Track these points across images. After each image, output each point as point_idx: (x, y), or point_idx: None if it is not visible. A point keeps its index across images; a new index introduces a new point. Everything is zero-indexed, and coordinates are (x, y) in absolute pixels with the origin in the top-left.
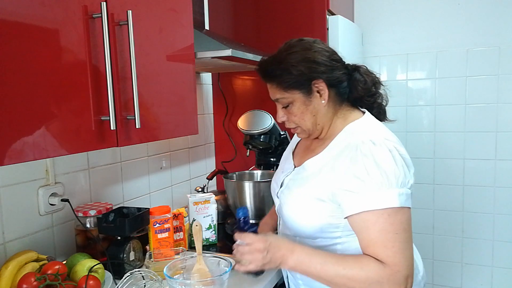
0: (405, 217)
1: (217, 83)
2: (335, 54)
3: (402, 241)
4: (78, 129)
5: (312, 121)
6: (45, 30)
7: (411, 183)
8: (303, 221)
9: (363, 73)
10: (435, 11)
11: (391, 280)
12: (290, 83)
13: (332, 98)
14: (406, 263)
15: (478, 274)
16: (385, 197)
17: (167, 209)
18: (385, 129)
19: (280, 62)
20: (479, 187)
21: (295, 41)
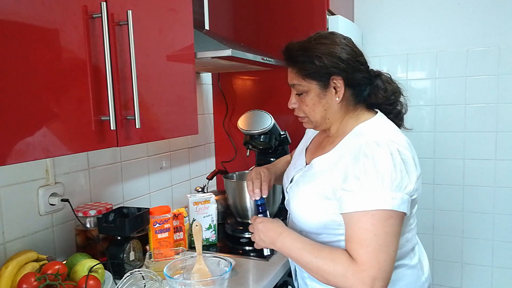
0: (392, 222)
1: (217, 83)
2: (361, 57)
3: (380, 244)
4: (78, 129)
5: (321, 115)
6: (45, 30)
7: (410, 188)
8: (308, 217)
9: (385, 81)
10: (435, 11)
11: (355, 277)
12: (310, 72)
13: (347, 97)
14: (377, 265)
15: (478, 274)
16: (375, 199)
17: (167, 209)
18: (394, 131)
19: (307, 50)
20: (479, 187)
21: (326, 33)
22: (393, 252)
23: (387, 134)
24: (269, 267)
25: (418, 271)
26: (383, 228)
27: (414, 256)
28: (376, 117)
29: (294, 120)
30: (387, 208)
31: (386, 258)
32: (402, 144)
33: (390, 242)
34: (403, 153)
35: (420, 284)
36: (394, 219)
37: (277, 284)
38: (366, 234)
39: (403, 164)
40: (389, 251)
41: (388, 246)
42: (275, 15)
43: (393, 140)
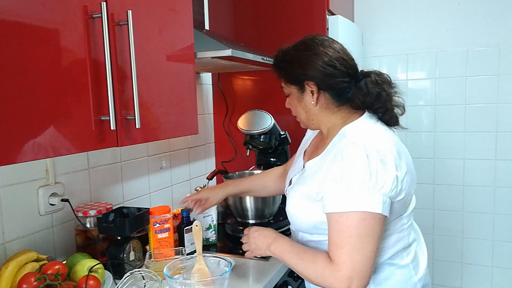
0: (366, 223)
1: (217, 83)
2: (337, 61)
3: (354, 246)
4: (78, 129)
5: (304, 116)
6: (45, 30)
7: (387, 189)
8: (300, 218)
9: (369, 83)
10: (435, 11)
11: (332, 277)
12: (287, 77)
13: (326, 100)
14: (351, 265)
15: (478, 274)
16: (349, 201)
17: (167, 209)
18: (378, 132)
19: (285, 56)
20: (479, 187)
21: (306, 39)
22: (369, 253)
23: (369, 135)
24: (269, 267)
25: (409, 271)
26: (357, 230)
27: (406, 256)
28: (362, 118)
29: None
30: (360, 210)
31: (361, 258)
32: (382, 145)
33: (365, 243)
34: (382, 154)
35: (412, 284)
36: (369, 220)
37: (277, 284)
38: (341, 236)
39: (380, 164)
40: (364, 252)
41: (363, 247)
42: (275, 15)
43: (372, 141)
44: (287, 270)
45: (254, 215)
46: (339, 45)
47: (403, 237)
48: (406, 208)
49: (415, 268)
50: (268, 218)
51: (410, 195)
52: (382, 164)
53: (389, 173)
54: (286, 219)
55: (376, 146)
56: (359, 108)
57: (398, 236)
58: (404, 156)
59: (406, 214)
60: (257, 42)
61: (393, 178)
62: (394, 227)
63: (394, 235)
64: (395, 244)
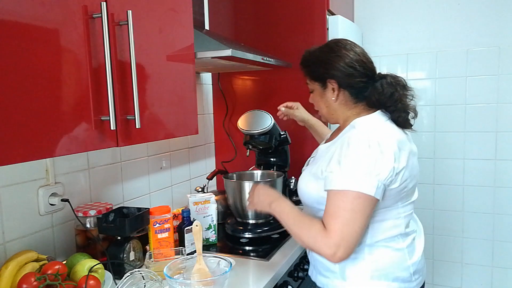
0: (359, 202)
1: (217, 83)
2: (357, 63)
3: (346, 218)
4: (78, 129)
5: (325, 110)
6: (45, 30)
7: (383, 176)
8: (305, 194)
9: (385, 84)
10: (435, 11)
11: (323, 241)
12: (312, 75)
13: (345, 97)
14: (341, 235)
15: (478, 274)
16: (347, 181)
17: (167, 209)
18: (384, 127)
19: (310, 56)
20: (479, 187)
21: (332, 41)
22: (358, 228)
23: (375, 128)
24: (269, 267)
25: (404, 255)
26: (351, 205)
27: (402, 241)
28: (373, 114)
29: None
30: (355, 190)
31: (351, 231)
32: (385, 138)
33: (356, 219)
34: (382, 146)
35: (404, 267)
36: (362, 200)
37: (277, 284)
38: (336, 209)
39: (379, 154)
40: (353, 226)
41: (354, 222)
42: (275, 15)
43: (377, 134)
44: (287, 270)
45: (254, 215)
46: (360, 49)
47: (399, 224)
48: (402, 198)
49: (409, 253)
50: (268, 218)
51: (407, 188)
52: (381, 154)
53: (387, 163)
54: None
55: (379, 138)
56: (374, 106)
57: (393, 222)
58: (406, 153)
59: (403, 205)
60: (257, 42)
61: (390, 168)
62: (390, 214)
63: (390, 221)
64: (390, 229)
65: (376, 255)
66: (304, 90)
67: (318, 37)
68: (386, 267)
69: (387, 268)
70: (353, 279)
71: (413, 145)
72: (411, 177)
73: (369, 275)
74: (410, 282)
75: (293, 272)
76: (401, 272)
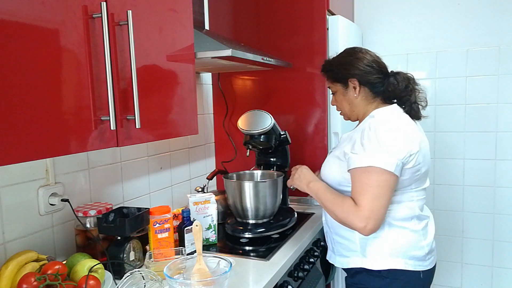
0: (383, 178)
1: (217, 83)
2: (373, 63)
3: (373, 193)
4: (78, 129)
5: (348, 108)
6: (45, 30)
7: (401, 155)
8: (327, 175)
9: (399, 79)
10: (435, 11)
11: (354, 214)
12: (334, 78)
13: (365, 93)
14: (370, 208)
15: (478, 274)
16: (372, 159)
17: (167, 209)
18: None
19: (332, 62)
20: (479, 187)
21: (349, 48)
22: (384, 201)
23: (392, 116)
24: (269, 267)
25: (419, 236)
26: (376, 182)
27: (418, 223)
28: (391, 106)
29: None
30: (378, 166)
31: (379, 204)
32: (402, 124)
33: (382, 193)
34: (402, 130)
35: (420, 246)
36: (385, 176)
37: (277, 284)
38: (363, 186)
39: (398, 136)
40: (381, 200)
41: (380, 196)
42: (275, 15)
43: (394, 121)
44: (287, 270)
45: (254, 215)
46: (373, 53)
47: (413, 207)
48: (415, 181)
49: (424, 235)
50: (268, 218)
51: (420, 172)
52: (399, 136)
53: (404, 144)
54: (286, 219)
55: (397, 123)
56: (389, 99)
57: (408, 204)
58: (419, 139)
59: (416, 189)
60: (257, 42)
61: (407, 149)
62: (405, 196)
63: (405, 203)
64: (406, 210)
65: (394, 235)
66: (303, 90)
67: (318, 37)
68: (403, 245)
69: (404, 247)
70: (373, 256)
71: (424, 136)
72: (424, 162)
73: (388, 252)
74: (424, 261)
75: (293, 272)
76: (417, 251)
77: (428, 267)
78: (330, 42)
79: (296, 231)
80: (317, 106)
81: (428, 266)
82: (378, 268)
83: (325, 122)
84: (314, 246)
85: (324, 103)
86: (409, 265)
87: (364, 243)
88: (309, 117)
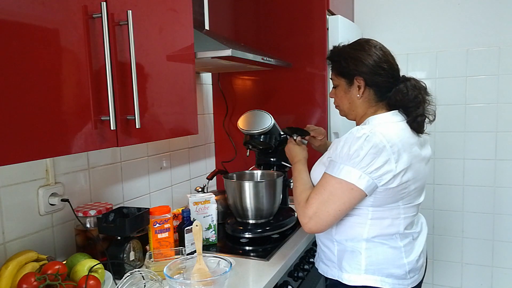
0: (339, 187)
1: (217, 83)
2: (386, 63)
3: (324, 198)
4: (78, 129)
5: (347, 107)
6: (45, 30)
7: (376, 174)
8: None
9: (410, 86)
10: (435, 11)
11: (302, 209)
12: (340, 70)
13: (369, 95)
14: (315, 209)
15: (478, 274)
16: (337, 168)
17: (167, 209)
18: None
19: (340, 53)
20: (479, 187)
21: (362, 40)
22: (331, 210)
23: (383, 127)
24: (269, 267)
25: (400, 253)
26: (331, 188)
27: (400, 241)
28: (388, 113)
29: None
30: (340, 177)
31: (324, 209)
32: (388, 138)
33: (332, 201)
34: (381, 145)
35: (400, 264)
36: (344, 187)
37: (277, 284)
38: (320, 187)
39: (378, 153)
40: (327, 206)
41: (329, 203)
42: (275, 15)
43: (381, 132)
44: (287, 270)
45: (254, 215)
46: (387, 50)
47: (397, 224)
48: (402, 198)
49: (406, 252)
50: (268, 218)
51: (408, 190)
52: (380, 153)
53: (379, 160)
54: (286, 219)
55: (382, 137)
56: (394, 106)
57: (392, 222)
58: (410, 156)
59: (404, 206)
60: (257, 42)
61: (385, 169)
62: (390, 213)
63: (389, 220)
64: (388, 227)
65: (372, 250)
66: (303, 90)
67: (318, 37)
68: (380, 262)
69: (381, 264)
70: (348, 270)
71: (425, 150)
72: (414, 179)
73: (364, 268)
74: (405, 280)
75: (293, 272)
76: (395, 269)
77: (410, 286)
78: (330, 42)
79: (296, 231)
80: (317, 106)
81: (410, 285)
82: (353, 283)
83: (325, 122)
84: (314, 246)
85: (324, 103)
86: (386, 284)
87: (341, 255)
88: (309, 117)
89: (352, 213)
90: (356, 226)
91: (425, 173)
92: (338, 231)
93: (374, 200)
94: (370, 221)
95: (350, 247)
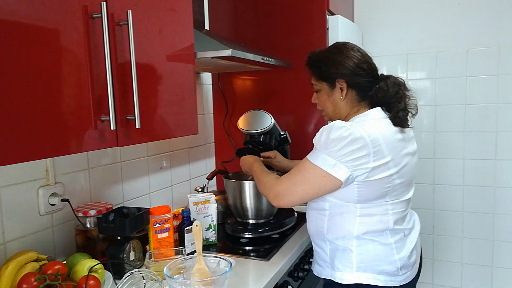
0: (312, 171)
1: (217, 83)
2: (365, 64)
3: (296, 179)
4: (78, 129)
5: (331, 110)
6: (45, 30)
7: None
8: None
9: (390, 83)
10: (435, 11)
11: (271, 186)
12: (321, 75)
13: (352, 96)
14: (283, 187)
15: (478, 274)
16: (314, 155)
17: (167, 209)
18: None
19: (319, 57)
20: (479, 187)
21: (340, 44)
22: (300, 190)
23: (365, 123)
24: (269, 267)
25: (391, 249)
26: (305, 171)
27: (390, 237)
28: (372, 110)
29: (294, 120)
30: (315, 163)
31: (293, 189)
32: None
33: (302, 183)
34: (361, 138)
35: (391, 260)
36: (317, 173)
37: (277, 284)
38: (296, 170)
39: (356, 145)
40: (297, 187)
41: (299, 184)
42: (275, 15)
43: (363, 128)
44: (287, 270)
45: (254, 215)
46: (364, 51)
47: (386, 220)
48: (388, 193)
49: (397, 248)
50: (268, 218)
51: (392, 184)
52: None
53: (357, 151)
54: (286, 219)
55: (362, 130)
56: (377, 104)
57: (380, 218)
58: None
59: (391, 201)
60: (257, 42)
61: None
62: (377, 209)
63: (377, 216)
64: (377, 224)
65: (363, 248)
66: (303, 90)
67: (318, 37)
68: (372, 259)
69: (372, 261)
70: (340, 269)
71: (410, 145)
72: (398, 174)
73: (355, 266)
74: (397, 276)
75: (293, 272)
76: (387, 265)
77: (403, 282)
78: (330, 42)
79: (296, 231)
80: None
81: (403, 281)
82: (346, 282)
83: (325, 122)
84: None
85: None
86: (378, 280)
87: (333, 254)
88: (309, 117)
89: (341, 212)
90: (346, 224)
91: (411, 168)
92: (329, 230)
93: (358, 195)
94: (359, 218)
95: (342, 246)
